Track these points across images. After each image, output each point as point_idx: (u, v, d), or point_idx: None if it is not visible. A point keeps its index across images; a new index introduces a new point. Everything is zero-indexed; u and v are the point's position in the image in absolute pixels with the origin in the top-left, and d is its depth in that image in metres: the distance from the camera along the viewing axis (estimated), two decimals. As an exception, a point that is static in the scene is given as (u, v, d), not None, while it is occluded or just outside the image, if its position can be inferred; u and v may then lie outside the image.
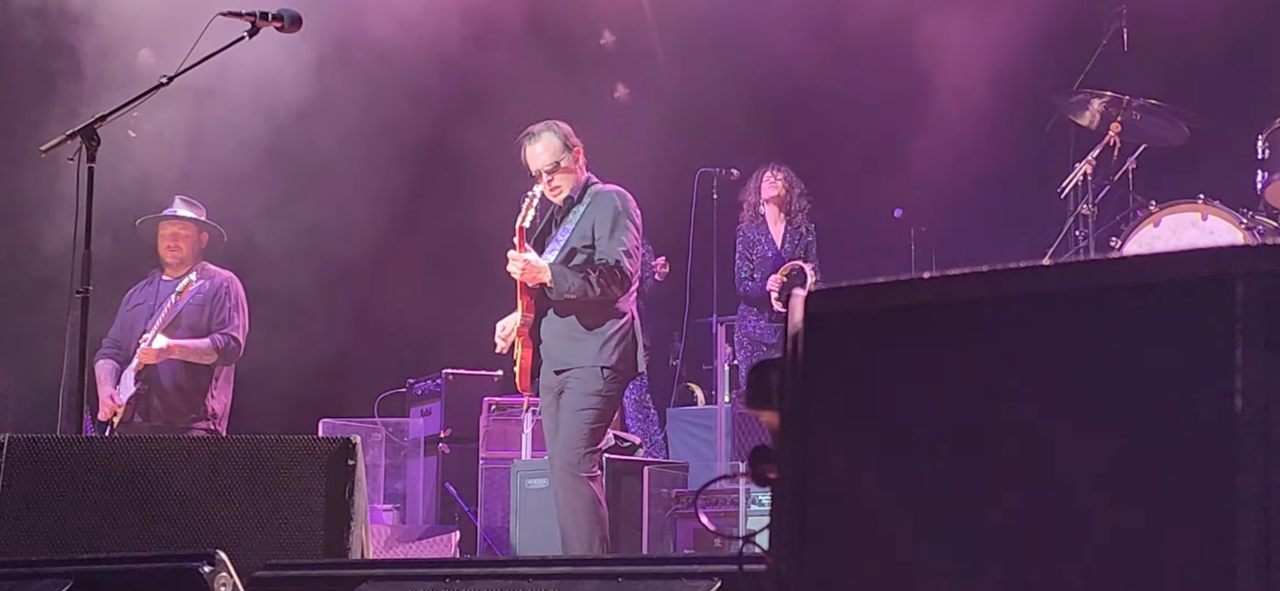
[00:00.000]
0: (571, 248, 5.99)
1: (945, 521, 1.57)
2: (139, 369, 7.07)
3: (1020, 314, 1.57)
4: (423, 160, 9.81)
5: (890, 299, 1.64)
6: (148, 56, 8.79)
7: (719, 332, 8.77)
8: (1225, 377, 1.43)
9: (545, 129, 6.08)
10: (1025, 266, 1.57)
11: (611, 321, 5.95)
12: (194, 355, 7.17)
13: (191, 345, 7.16)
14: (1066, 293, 1.54)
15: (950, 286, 1.62)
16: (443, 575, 2.91)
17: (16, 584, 3.19)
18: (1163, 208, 7.31)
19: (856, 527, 1.64)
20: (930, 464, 1.60)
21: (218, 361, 7.25)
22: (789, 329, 1.70)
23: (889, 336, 1.65)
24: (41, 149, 5.40)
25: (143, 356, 7.03)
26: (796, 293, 1.70)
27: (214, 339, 7.20)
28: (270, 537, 3.88)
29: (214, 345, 7.20)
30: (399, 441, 9.50)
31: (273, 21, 5.45)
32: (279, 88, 8.77)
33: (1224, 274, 1.45)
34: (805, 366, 1.67)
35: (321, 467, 4.00)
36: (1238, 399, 1.43)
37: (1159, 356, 1.48)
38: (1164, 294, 1.48)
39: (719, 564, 2.44)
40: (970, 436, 1.58)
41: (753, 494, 7.24)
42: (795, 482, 1.66)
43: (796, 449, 1.66)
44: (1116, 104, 7.78)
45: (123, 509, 3.98)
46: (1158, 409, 1.47)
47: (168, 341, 7.07)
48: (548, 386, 6.01)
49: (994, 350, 1.59)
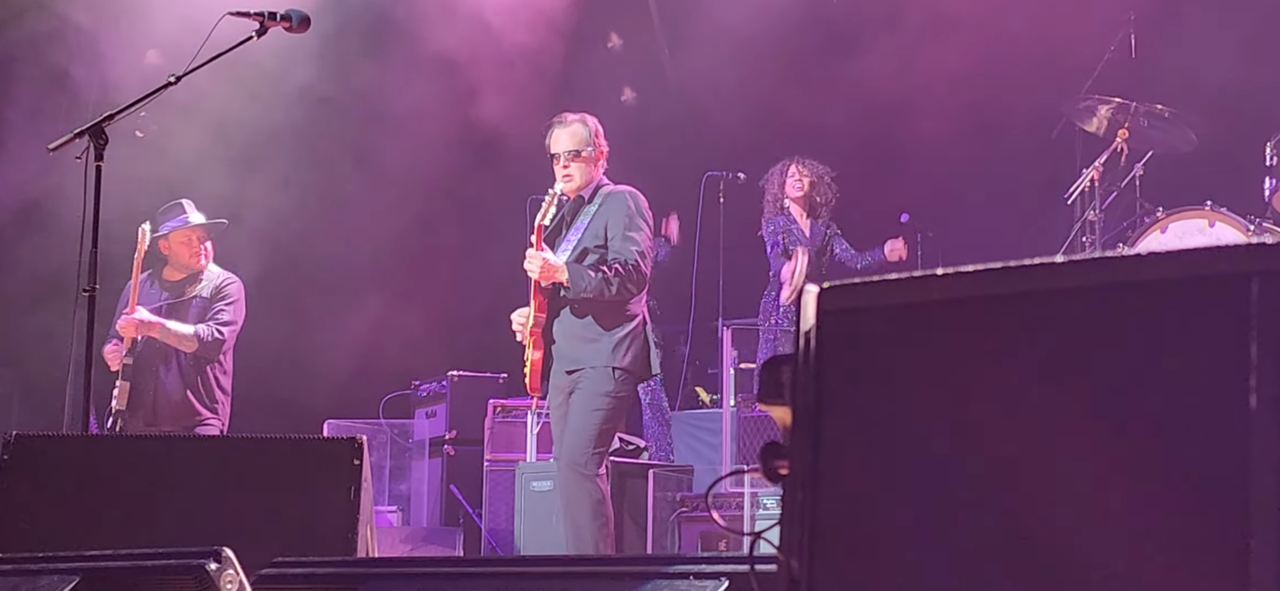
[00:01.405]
0: (583, 247, 5.99)
1: (958, 520, 1.57)
2: (127, 345, 7.02)
3: (1034, 311, 1.56)
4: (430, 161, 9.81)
5: (904, 295, 1.64)
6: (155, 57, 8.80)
7: (725, 336, 8.76)
8: (1240, 376, 1.43)
9: (577, 119, 6.14)
10: (1039, 263, 1.56)
11: (624, 322, 5.96)
12: (174, 338, 7.09)
13: (173, 327, 7.10)
14: (1081, 289, 1.53)
15: (964, 283, 1.61)
16: (449, 574, 2.90)
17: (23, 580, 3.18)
18: (1170, 214, 7.31)
19: (868, 525, 1.63)
20: (943, 461, 1.59)
21: (199, 351, 7.16)
22: (801, 325, 1.69)
23: (902, 333, 1.65)
24: (49, 147, 5.40)
25: (123, 328, 6.99)
26: (809, 289, 1.70)
27: (198, 329, 7.14)
28: (276, 536, 3.87)
29: (197, 334, 7.12)
30: (404, 443, 9.51)
31: (281, 21, 5.45)
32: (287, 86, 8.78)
33: (1240, 273, 1.45)
34: (818, 363, 1.66)
35: (328, 466, 4.00)
36: (1253, 397, 1.42)
37: (1174, 354, 1.47)
38: (1179, 292, 1.48)
39: (727, 563, 2.43)
40: (983, 434, 1.57)
41: (758, 498, 7.23)
42: (807, 479, 1.66)
43: (808, 445, 1.66)
44: (1124, 110, 7.77)
45: (129, 506, 3.97)
46: (1172, 407, 1.46)
47: (148, 317, 7.02)
48: (558, 386, 6.01)
49: (1007, 347, 1.58)
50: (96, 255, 5.15)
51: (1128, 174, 7.84)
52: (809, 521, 1.65)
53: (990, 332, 1.60)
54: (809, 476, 1.66)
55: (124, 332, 7.00)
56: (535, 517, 7.45)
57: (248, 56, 5.52)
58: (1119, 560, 1.46)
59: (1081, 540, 1.48)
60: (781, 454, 1.71)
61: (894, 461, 1.63)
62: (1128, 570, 1.45)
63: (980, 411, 1.58)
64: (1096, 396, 1.50)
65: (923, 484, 1.60)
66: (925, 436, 1.60)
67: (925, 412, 1.62)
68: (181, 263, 7.32)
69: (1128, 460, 1.48)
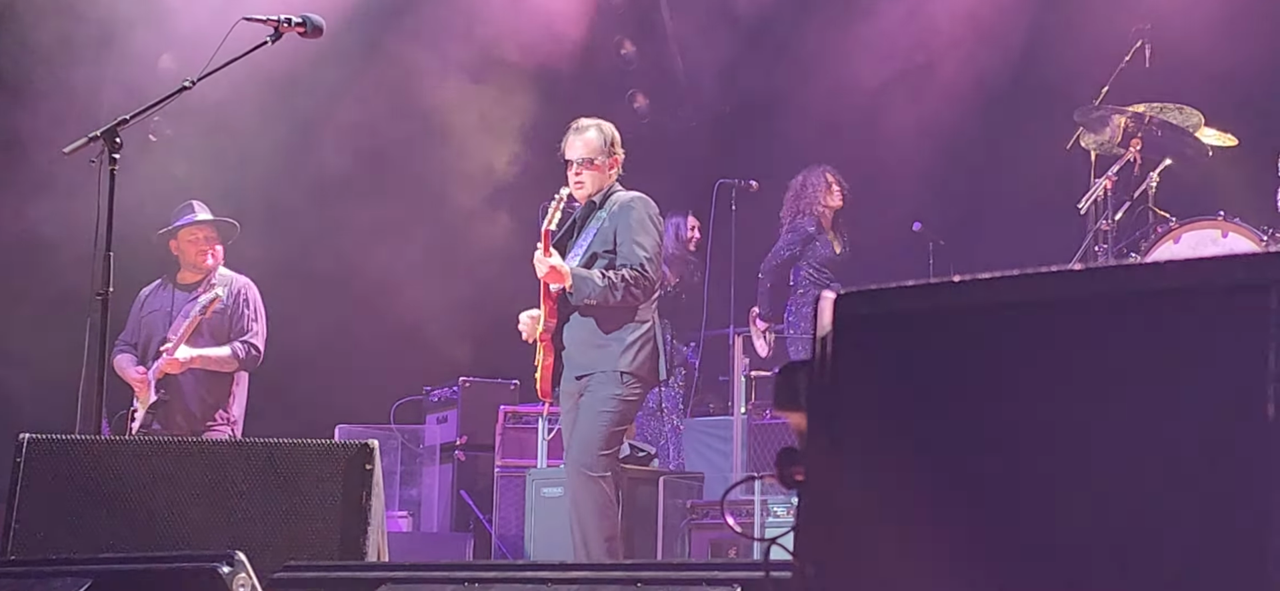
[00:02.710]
0: (593, 252, 6.00)
1: (974, 526, 1.56)
2: (159, 376, 7.07)
3: (1051, 318, 1.56)
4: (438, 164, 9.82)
5: (920, 302, 1.64)
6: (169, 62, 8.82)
7: (736, 343, 8.76)
8: (1259, 384, 1.42)
9: (593, 125, 6.13)
10: (1057, 270, 1.56)
11: (632, 326, 5.96)
12: (215, 364, 7.18)
13: (214, 355, 7.17)
14: (1099, 297, 1.53)
15: (980, 290, 1.61)
16: (462, 578, 2.90)
17: (36, 582, 3.19)
18: (1183, 224, 7.29)
19: (884, 531, 1.63)
20: (958, 468, 1.59)
21: (238, 369, 7.27)
22: (817, 331, 1.69)
23: (918, 340, 1.65)
24: (64, 151, 5.41)
25: (167, 367, 7.03)
26: (825, 294, 1.70)
27: (235, 348, 7.21)
28: (288, 540, 3.88)
29: (235, 354, 7.21)
30: (414, 448, 9.51)
31: (296, 27, 5.47)
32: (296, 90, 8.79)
33: (1259, 281, 1.45)
34: (834, 369, 1.66)
35: (339, 471, 4.00)
36: (1271, 405, 1.42)
37: (1193, 362, 1.47)
38: (1199, 300, 1.48)
39: (741, 570, 2.43)
40: (999, 441, 1.57)
41: (769, 505, 7.23)
42: (822, 485, 1.66)
43: (824, 451, 1.66)
44: (1138, 120, 7.76)
45: (141, 509, 3.98)
46: (1191, 414, 1.46)
47: (191, 352, 7.08)
48: (568, 392, 6.02)
49: (1023, 354, 1.58)
50: (110, 258, 5.16)
51: (1141, 184, 7.83)
52: (824, 527, 1.65)
53: (1006, 339, 1.59)
54: (825, 482, 1.66)
55: (167, 369, 7.03)
56: (546, 524, 7.44)
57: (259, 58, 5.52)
58: (1139, 565, 1.46)
59: (1100, 546, 1.48)
60: (797, 460, 1.71)
61: (910, 467, 1.62)
62: (1147, 575, 1.45)
63: (996, 418, 1.58)
64: (1114, 404, 1.50)
65: (939, 490, 1.59)
66: (941, 443, 1.60)
67: (941, 419, 1.61)
68: (190, 262, 7.33)
69: (1146, 467, 1.47)
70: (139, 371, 7.14)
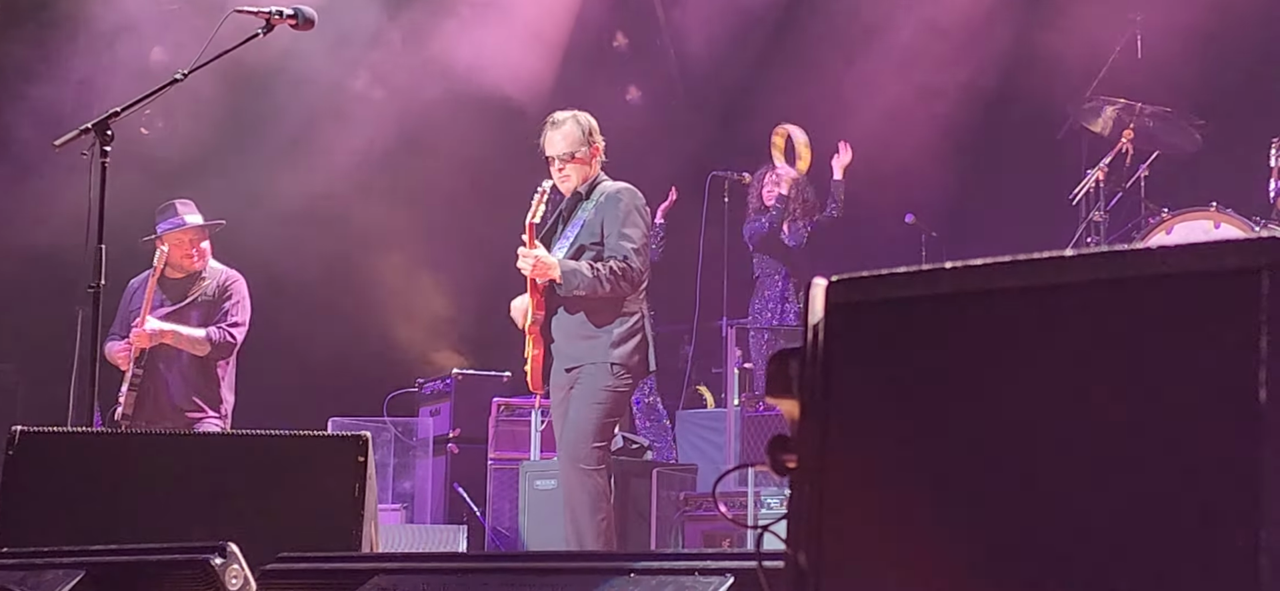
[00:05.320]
0: (580, 244, 5.99)
1: (966, 514, 1.56)
2: (135, 353, 7.01)
3: (1043, 304, 1.56)
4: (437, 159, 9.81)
5: (913, 288, 1.63)
6: (160, 54, 8.81)
7: (729, 335, 8.76)
8: (1250, 370, 1.42)
9: (569, 117, 6.09)
10: (1049, 256, 1.56)
11: (622, 318, 5.96)
12: (186, 342, 7.08)
13: (185, 332, 7.08)
14: (1090, 283, 1.53)
15: (972, 277, 1.61)
16: (455, 570, 2.90)
17: (29, 574, 3.18)
18: (1175, 215, 7.32)
19: (876, 519, 1.63)
20: (951, 454, 1.59)
21: (210, 353, 7.16)
22: (809, 317, 1.69)
23: (911, 326, 1.64)
24: (55, 143, 5.40)
25: (136, 340, 6.97)
26: (817, 281, 1.69)
27: (210, 331, 7.13)
28: (281, 532, 3.86)
29: (209, 337, 7.11)
30: (408, 441, 9.51)
31: (287, 19, 5.46)
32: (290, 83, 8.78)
33: (1250, 266, 1.45)
34: (826, 355, 1.66)
35: (333, 463, 3.99)
36: (1262, 392, 1.42)
37: (1183, 348, 1.47)
38: (1189, 285, 1.47)
39: (733, 560, 2.43)
40: (991, 427, 1.57)
41: (762, 496, 7.23)
42: (814, 473, 1.65)
43: (816, 439, 1.65)
44: (1129, 111, 7.77)
45: (134, 501, 3.97)
46: (1181, 401, 1.46)
47: (161, 325, 7.01)
48: (559, 384, 6.02)
49: (1016, 340, 1.58)
50: (102, 251, 5.15)
51: (1133, 174, 7.84)
52: (816, 515, 1.65)
53: (998, 326, 1.59)
54: (817, 470, 1.65)
55: (137, 344, 6.98)
56: (539, 516, 7.45)
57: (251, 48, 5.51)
58: (1128, 554, 1.46)
59: (1090, 534, 1.48)
60: (789, 447, 1.71)
61: (902, 455, 1.62)
62: (1137, 564, 1.45)
63: (988, 404, 1.58)
64: (1105, 390, 1.50)
65: (931, 477, 1.59)
66: (934, 430, 1.60)
67: (933, 406, 1.61)
68: (176, 263, 7.27)
69: (1136, 454, 1.47)
70: (122, 345, 7.08)
